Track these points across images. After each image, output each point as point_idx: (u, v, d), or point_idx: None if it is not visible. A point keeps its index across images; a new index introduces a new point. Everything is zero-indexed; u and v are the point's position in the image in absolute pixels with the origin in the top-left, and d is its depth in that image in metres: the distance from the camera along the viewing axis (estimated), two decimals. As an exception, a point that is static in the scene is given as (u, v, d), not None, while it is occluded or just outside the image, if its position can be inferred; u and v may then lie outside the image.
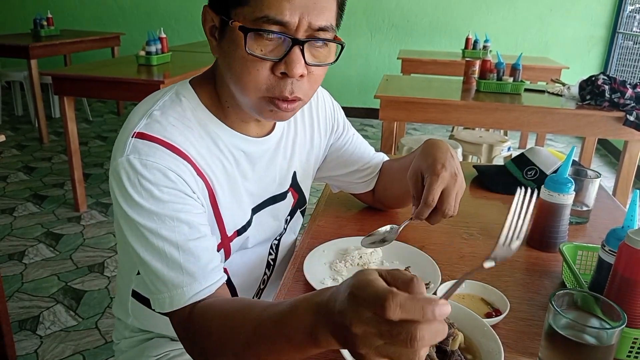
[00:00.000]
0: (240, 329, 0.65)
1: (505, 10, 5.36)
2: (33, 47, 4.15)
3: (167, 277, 0.71)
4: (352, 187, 1.13)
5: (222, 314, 0.69)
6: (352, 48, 5.65)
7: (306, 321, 0.54)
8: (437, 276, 0.87)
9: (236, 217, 0.86)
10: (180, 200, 0.73)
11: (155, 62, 3.20)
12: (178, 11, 5.83)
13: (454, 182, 0.87)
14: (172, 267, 0.71)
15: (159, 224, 0.71)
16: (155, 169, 0.72)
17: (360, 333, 0.46)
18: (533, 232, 1.05)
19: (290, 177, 0.97)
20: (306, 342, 0.55)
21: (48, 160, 4.06)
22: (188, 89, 0.82)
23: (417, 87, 2.96)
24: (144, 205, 0.71)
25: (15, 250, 2.65)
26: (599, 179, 1.14)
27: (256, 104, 0.75)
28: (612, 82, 2.49)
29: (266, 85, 0.73)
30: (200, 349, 0.70)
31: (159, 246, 0.71)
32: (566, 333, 0.63)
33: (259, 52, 0.70)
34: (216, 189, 0.81)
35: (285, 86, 0.72)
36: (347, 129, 1.09)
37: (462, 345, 0.66)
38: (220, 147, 0.82)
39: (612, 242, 0.78)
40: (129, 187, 0.71)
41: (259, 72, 0.71)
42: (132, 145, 0.73)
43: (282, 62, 0.71)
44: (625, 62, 5.14)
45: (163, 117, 0.76)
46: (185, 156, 0.75)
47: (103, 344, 1.98)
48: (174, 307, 0.72)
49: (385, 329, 0.45)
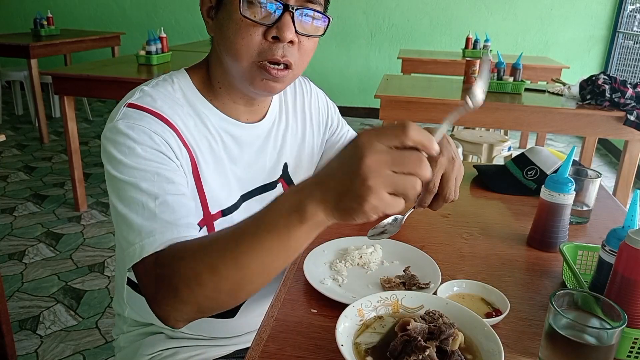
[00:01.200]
0: (217, 238, 0.64)
1: (506, 10, 5.36)
2: (33, 47, 4.15)
3: (141, 226, 0.70)
4: None
5: (196, 240, 0.68)
6: (353, 48, 5.65)
7: (290, 201, 0.57)
8: (437, 276, 0.87)
9: (220, 197, 0.88)
10: (162, 160, 0.76)
11: (155, 61, 3.20)
12: (178, 11, 5.83)
13: (452, 167, 0.87)
14: (147, 216, 0.71)
15: (139, 178, 0.73)
16: (141, 131, 0.76)
17: (372, 163, 0.51)
18: (533, 231, 1.05)
19: (281, 168, 0.99)
20: (290, 223, 0.56)
21: (48, 159, 4.06)
22: (182, 73, 0.88)
23: (417, 87, 2.96)
24: (126, 162, 0.74)
25: (15, 249, 2.65)
26: (599, 179, 1.14)
27: (248, 70, 0.80)
28: (613, 82, 2.48)
29: (258, 50, 0.78)
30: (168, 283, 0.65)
31: (136, 198, 0.72)
32: (566, 333, 0.63)
33: (252, 17, 0.76)
34: (200, 163, 0.84)
35: (277, 49, 0.78)
36: (341, 125, 1.13)
37: (462, 345, 0.66)
38: (208, 127, 0.86)
39: (613, 242, 0.78)
40: (114, 148, 0.75)
41: (252, 36, 0.77)
42: (122, 112, 0.78)
43: (274, 27, 0.77)
44: (626, 62, 5.14)
45: (155, 92, 0.82)
46: (172, 126, 0.80)
47: (103, 343, 1.98)
48: (143, 254, 0.68)
49: (397, 155, 0.51)
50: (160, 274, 0.67)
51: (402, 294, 0.75)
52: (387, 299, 0.74)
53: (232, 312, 0.98)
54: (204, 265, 0.62)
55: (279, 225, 0.57)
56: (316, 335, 0.74)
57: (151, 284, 0.68)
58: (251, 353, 0.70)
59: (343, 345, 0.64)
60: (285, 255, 0.60)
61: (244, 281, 0.62)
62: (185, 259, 0.65)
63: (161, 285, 0.66)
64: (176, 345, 0.97)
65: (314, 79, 1.12)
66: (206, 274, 0.62)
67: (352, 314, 0.70)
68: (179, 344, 0.97)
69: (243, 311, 0.99)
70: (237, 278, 0.61)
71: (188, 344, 0.98)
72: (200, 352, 0.97)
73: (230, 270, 0.61)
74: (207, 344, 0.99)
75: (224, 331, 0.99)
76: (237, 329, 1.00)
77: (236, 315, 0.98)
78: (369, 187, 0.51)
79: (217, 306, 0.66)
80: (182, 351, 0.97)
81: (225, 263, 0.61)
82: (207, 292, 0.63)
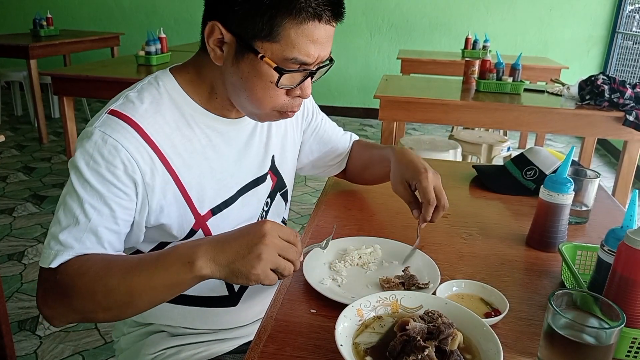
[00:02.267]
0: (119, 263, 0.75)
1: (505, 10, 5.36)
2: (32, 47, 4.15)
3: (65, 238, 0.76)
4: (325, 171, 1.24)
5: (102, 257, 0.77)
6: (352, 48, 5.65)
7: (185, 254, 0.71)
8: (437, 276, 0.87)
9: (207, 196, 0.90)
10: (118, 184, 0.78)
11: (154, 62, 3.21)
12: (177, 11, 5.83)
13: (438, 178, 1.00)
14: (74, 233, 0.76)
15: (88, 196, 0.77)
16: (112, 146, 0.78)
17: (269, 244, 0.69)
18: (532, 231, 1.05)
19: (270, 160, 1.02)
20: (182, 272, 0.70)
21: (47, 160, 4.06)
22: (167, 74, 0.88)
23: (416, 87, 2.96)
24: (85, 174, 0.77)
25: (14, 250, 2.65)
26: (598, 179, 1.14)
27: (265, 115, 0.86)
28: (612, 82, 2.49)
29: (281, 105, 0.83)
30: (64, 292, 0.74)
31: (75, 212, 0.77)
32: (565, 333, 0.63)
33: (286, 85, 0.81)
34: (181, 172, 0.85)
35: (298, 103, 0.85)
36: (316, 114, 1.16)
37: (461, 345, 0.66)
38: (193, 128, 0.87)
39: (611, 242, 0.78)
40: (84, 155, 0.78)
41: (279, 96, 0.82)
42: (103, 119, 0.80)
43: (298, 88, 0.82)
44: (625, 62, 5.14)
45: (138, 99, 0.83)
46: (149, 140, 0.81)
47: (102, 344, 1.98)
48: (52, 264, 0.75)
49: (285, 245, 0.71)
50: (60, 281, 0.75)
51: (401, 294, 0.75)
52: (387, 299, 0.74)
53: (234, 301, 0.99)
54: (101, 286, 0.73)
55: (171, 270, 0.71)
56: (315, 335, 0.74)
57: (48, 286, 0.77)
58: (250, 353, 0.70)
59: (342, 345, 0.64)
60: (170, 293, 0.74)
61: (129, 306, 0.75)
62: (87, 276, 0.73)
63: (57, 290, 0.75)
64: (179, 343, 0.98)
65: (314, 79, 1.12)
66: (100, 294, 0.73)
67: (351, 314, 0.70)
68: (181, 341, 0.98)
69: (245, 299, 1.00)
70: (125, 302, 0.74)
71: (191, 340, 0.98)
72: (203, 349, 0.98)
73: (121, 295, 0.73)
74: (210, 338, 0.99)
75: (227, 322, 1.00)
76: (240, 318, 1.01)
77: (238, 304, 0.99)
78: (260, 260, 0.69)
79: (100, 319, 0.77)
80: (186, 349, 0.97)
81: (119, 288, 0.72)
82: (95, 307, 0.75)
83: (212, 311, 0.98)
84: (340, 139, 1.21)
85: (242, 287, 1.00)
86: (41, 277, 0.78)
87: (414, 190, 1.02)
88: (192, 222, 0.88)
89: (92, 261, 0.75)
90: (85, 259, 0.76)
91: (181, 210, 0.87)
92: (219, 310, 0.98)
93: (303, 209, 3.31)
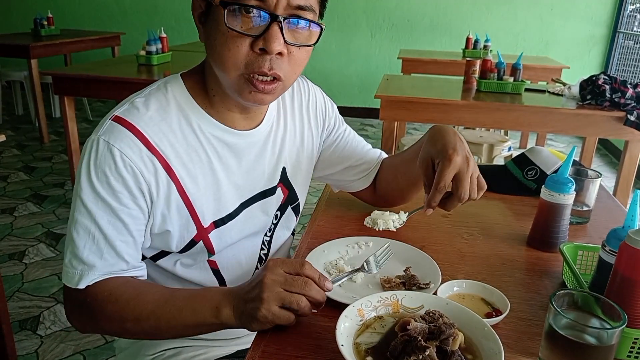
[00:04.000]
0: (150, 296, 0.76)
1: (506, 10, 5.36)
2: (33, 47, 4.15)
3: (87, 257, 0.77)
4: (349, 185, 1.12)
5: (133, 285, 0.78)
6: (352, 48, 5.65)
7: (214, 298, 0.73)
8: (438, 276, 0.86)
9: (211, 209, 0.87)
10: (127, 195, 0.78)
11: (155, 61, 3.21)
12: (178, 11, 5.83)
13: (466, 166, 0.86)
14: (94, 251, 0.77)
15: (100, 211, 0.77)
16: (118, 156, 0.76)
17: (269, 282, 0.68)
18: (534, 231, 1.05)
19: (280, 173, 0.97)
20: (208, 315, 0.72)
21: (48, 160, 4.06)
22: (177, 80, 0.86)
23: (417, 87, 2.96)
24: (95, 186, 0.77)
25: (15, 250, 2.65)
26: (599, 179, 1.14)
27: (235, 82, 0.77)
28: (613, 82, 2.48)
29: (245, 62, 0.74)
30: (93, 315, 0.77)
31: (90, 229, 0.77)
32: (566, 333, 0.63)
33: (238, 28, 0.73)
34: (185, 182, 0.83)
35: (264, 62, 0.74)
36: (339, 125, 1.09)
37: (462, 345, 0.66)
38: (200, 138, 0.84)
39: (613, 242, 0.78)
40: (90, 167, 0.77)
41: (238, 48, 0.74)
42: (107, 126, 0.78)
43: (261, 38, 0.73)
44: (626, 62, 5.14)
45: (143, 106, 0.81)
46: (154, 149, 0.79)
47: (103, 344, 1.98)
48: (80, 285, 0.77)
49: (289, 278, 0.69)
50: (90, 304, 0.77)
51: (402, 294, 0.75)
52: (387, 299, 0.74)
53: None
54: (131, 315, 0.76)
55: (200, 314, 0.73)
56: (316, 335, 0.74)
57: (76, 306, 0.80)
58: (251, 353, 0.70)
59: (343, 345, 0.64)
60: (195, 332, 0.77)
61: (155, 337, 0.82)
62: (117, 304, 0.76)
63: (86, 311, 0.78)
64: (178, 345, 0.97)
65: (314, 79, 1.11)
66: (130, 323, 0.76)
67: (352, 314, 0.70)
68: (181, 343, 0.97)
69: None
70: (151, 332, 0.77)
71: (190, 343, 0.98)
72: (202, 352, 0.97)
73: (149, 327, 0.76)
74: (209, 344, 0.99)
75: (224, 333, 0.99)
76: (237, 330, 1.00)
77: None
78: (262, 299, 0.68)
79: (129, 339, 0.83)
80: (184, 351, 0.97)
81: (149, 320, 0.75)
82: (122, 332, 0.80)
83: None
84: (367, 153, 1.10)
85: None
86: (68, 294, 0.80)
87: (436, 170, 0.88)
88: (194, 233, 0.86)
89: (122, 288, 0.77)
90: (116, 286, 0.78)
91: (183, 220, 0.85)
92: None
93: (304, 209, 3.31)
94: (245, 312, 0.70)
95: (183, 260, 0.91)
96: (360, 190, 1.12)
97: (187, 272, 0.92)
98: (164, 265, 0.91)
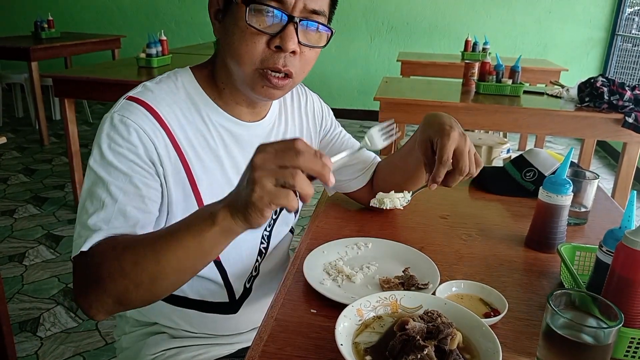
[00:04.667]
0: (146, 235, 0.73)
1: (504, 13, 5.37)
2: (34, 50, 4.16)
3: (94, 224, 0.75)
4: (346, 185, 1.14)
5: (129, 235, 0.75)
6: (352, 51, 5.66)
7: (207, 208, 0.67)
8: (436, 277, 0.87)
9: (215, 194, 0.87)
10: (141, 164, 0.79)
11: (155, 64, 3.21)
12: (178, 14, 5.84)
13: (464, 140, 0.90)
14: (102, 217, 0.76)
15: (112, 178, 0.77)
16: (132, 127, 0.79)
17: (257, 160, 0.60)
18: (531, 232, 1.06)
19: None
20: (205, 224, 0.65)
21: (48, 162, 4.06)
22: (186, 71, 0.90)
23: (416, 89, 2.97)
24: (108, 156, 0.77)
25: (15, 252, 2.66)
26: (597, 180, 1.14)
27: (250, 77, 0.81)
28: (611, 84, 2.49)
29: (261, 58, 0.79)
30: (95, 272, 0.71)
31: (101, 196, 0.76)
32: (564, 333, 0.64)
33: (257, 25, 0.77)
34: (193, 163, 0.85)
35: (279, 59, 0.79)
36: (334, 126, 1.13)
37: (460, 345, 0.66)
38: (208, 126, 0.88)
39: (610, 242, 0.79)
40: (103, 138, 0.79)
41: (256, 44, 0.78)
42: (121, 104, 0.81)
43: (278, 36, 0.78)
44: (624, 64, 5.15)
45: (156, 89, 0.85)
46: (166, 126, 0.82)
47: (103, 345, 1.98)
48: (83, 248, 0.73)
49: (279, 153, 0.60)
50: (90, 263, 0.73)
51: (401, 294, 0.76)
52: (386, 299, 0.75)
53: (234, 309, 0.99)
54: (129, 256, 0.70)
55: (195, 226, 0.66)
56: (316, 335, 0.74)
57: (82, 273, 0.74)
58: (251, 353, 0.71)
59: (342, 344, 0.64)
60: (199, 254, 0.68)
61: (160, 275, 0.69)
62: (115, 250, 0.71)
63: (89, 275, 0.72)
64: (179, 344, 0.98)
65: (314, 82, 1.13)
66: (129, 265, 0.69)
67: (351, 314, 0.71)
68: (182, 343, 0.98)
69: (245, 307, 1.00)
70: (155, 271, 0.69)
71: (191, 343, 0.98)
72: (203, 352, 0.98)
73: (150, 263, 0.68)
74: (210, 342, 0.99)
75: (226, 328, 1.00)
76: (239, 325, 1.01)
77: (238, 312, 0.99)
78: (253, 179, 0.59)
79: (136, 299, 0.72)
80: (186, 350, 0.98)
81: (147, 256, 0.69)
82: (127, 284, 0.69)
83: (211, 317, 0.98)
84: (362, 153, 1.12)
85: (243, 294, 1.00)
86: (74, 268, 0.76)
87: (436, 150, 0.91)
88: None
89: (121, 237, 0.75)
90: (114, 237, 0.75)
91: (188, 202, 0.86)
92: (219, 317, 0.99)
93: (303, 209, 3.31)
94: (240, 202, 0.62)
95: None
96: (357, 190, 1.14)
97: None
98: None
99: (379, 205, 0.95)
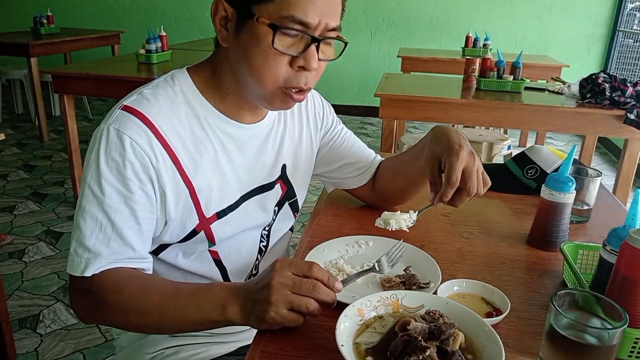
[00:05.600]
0: (156, 289, 0.77)
1: (505, 9, 5.36)
2: (33, 45, 4.14)
3: (93, 245, 0.77)
4: (346, 182, 1.14)
5: (138, 277, 0.78)
6: (352, 47, 5.59)
7: (220, 296, 0.73)
8: (438, 275, 0.86)
9: (215, 199, 0.89)
10: (137, 182, 0.79)
11: (155, 60, 3.20)
12: (178, 10, 5.83)
13: (473, 160, 0.88)
14: (101, 239, 0.77)
15: (108, 198, 0.77)
16: (127, 142, 0.78)
17: (276, 284, 0.68)
18: (534, 230, 1.05)
19: (280, 169, 0.99)
20: (214, 313, 0.72)
21: (48, 158, 4.06)
22: (183, 73, 0.88)
23: (417, 86, 2.96)
24: (104, 174, 0.77)
25: (15, 248, 2.65)
26: (599, 178, 1.14)
27: (270, 94, 0.82)
28: (613, 81, 2.48)
29: (284, 78, 0.80)
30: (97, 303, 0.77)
31: (97, 216, 0.78)
32: (567, 333, 0.63)
33: (280, 47, 0.77)
34: (190, 172, 0.85)
35: (302, 78, 0.80)
36: (335, 124, 1.12)
37: (462, 345, 0.66)
38: (206, 130, 0.87)
39: (614, 241, 0.78)
40: (101, 153, 0.78)
41: (279, 65, 0.78)
42: (116, 115, 0.80)
43: (301, 57, 0.78)
44: (626, 60, 5.13)
45: (152, 96, 0.83)
46: (162, 138, 0.81)
47: (103, 342, 1.98)
48: (86, 273, 0.76)
49: (297, 281, 0.69)
50: (94, 293, 0.77)
51: (402, 293, 0.75)
52: (387, 298, 0.74)
53: None
54: (135, 308, 0.75)
55: (206, 312, 0.73)
56: (316, 335, 0.74)
57: (81, 296, 0.80)
58: (251, 353, 0.70)
59: (343, 345, 0.64)
60: (199, 328, 0.77)
61: (157, 330, 0.82)
62: (122, 295, 0.76)
63: (90, 301, 0.78)
64: (178, 343, 0.97)
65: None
66: (133, 315, 0.76)
67: (352, 314, 0.70)
68: (181, 342, 0.98)
69: None
70: (155, 326, 0.77)
71: (190, 341, 0.98)
72: (202, 350, 0.98)
73: (153, 320, 0.75)
74: (209, 340, 0.99)
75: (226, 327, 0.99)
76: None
77: None
78: (270, 302, 0.68)
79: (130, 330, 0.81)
80: (185, 349, 0.97)
81: (152, 314, 0.75)
82: (125, 324, 0.79)
83: None
84: (363, 152, 1.12)
85: None
86: (73, 283, 0.79)
87: (443, 168, 0.90)
88: (195, 222, 0.88)
89: (128, 279, 0.77)
90: (121, 277, 0.77)
91: (187, 210, 0.86)
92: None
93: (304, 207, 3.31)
94: (253, 313, 0.70)
95: (184, 251, 0.92)
96: (357, 187, 1.14)
97: (189, 264, 0.93)
98: (165, 258, 0.92)
99: (385, 226, 0.96)
